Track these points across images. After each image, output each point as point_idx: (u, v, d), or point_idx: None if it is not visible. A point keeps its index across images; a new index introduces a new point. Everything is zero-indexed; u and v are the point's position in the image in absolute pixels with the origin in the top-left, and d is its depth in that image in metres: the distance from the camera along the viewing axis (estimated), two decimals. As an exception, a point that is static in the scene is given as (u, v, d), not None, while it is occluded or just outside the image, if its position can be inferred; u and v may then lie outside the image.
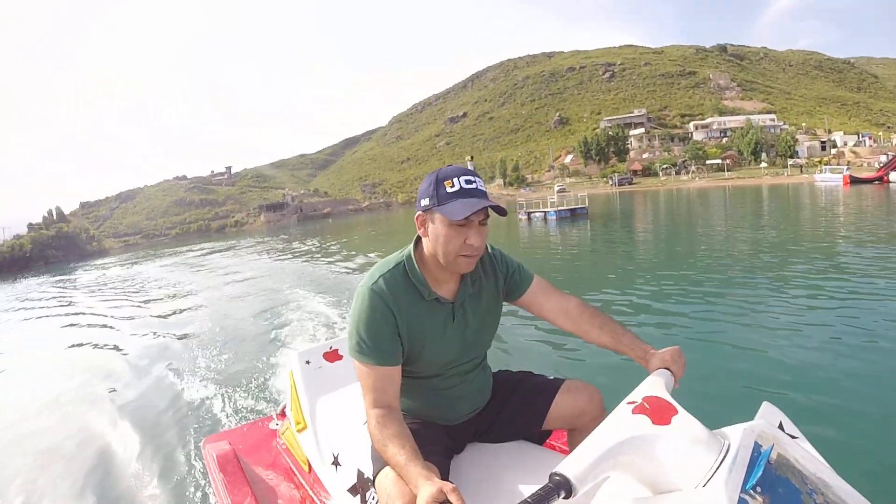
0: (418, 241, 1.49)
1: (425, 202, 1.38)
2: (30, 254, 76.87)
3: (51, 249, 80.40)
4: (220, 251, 37.23)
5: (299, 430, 2.28)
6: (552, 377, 1.69)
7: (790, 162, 68.37)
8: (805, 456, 1.01)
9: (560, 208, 28.57)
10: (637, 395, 1.11)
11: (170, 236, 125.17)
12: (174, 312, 11.09)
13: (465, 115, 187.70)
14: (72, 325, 11.83)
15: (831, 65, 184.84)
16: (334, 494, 1.94)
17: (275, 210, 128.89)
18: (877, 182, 38.20)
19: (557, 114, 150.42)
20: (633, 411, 1.05)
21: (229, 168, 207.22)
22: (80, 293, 19.91)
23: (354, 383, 1.97)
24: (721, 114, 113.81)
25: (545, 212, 28.49)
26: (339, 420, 2.01)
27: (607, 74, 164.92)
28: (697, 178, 72.28)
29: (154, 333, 8.78)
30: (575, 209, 28.86)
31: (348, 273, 13.62)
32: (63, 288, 24.28)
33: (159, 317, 10.82)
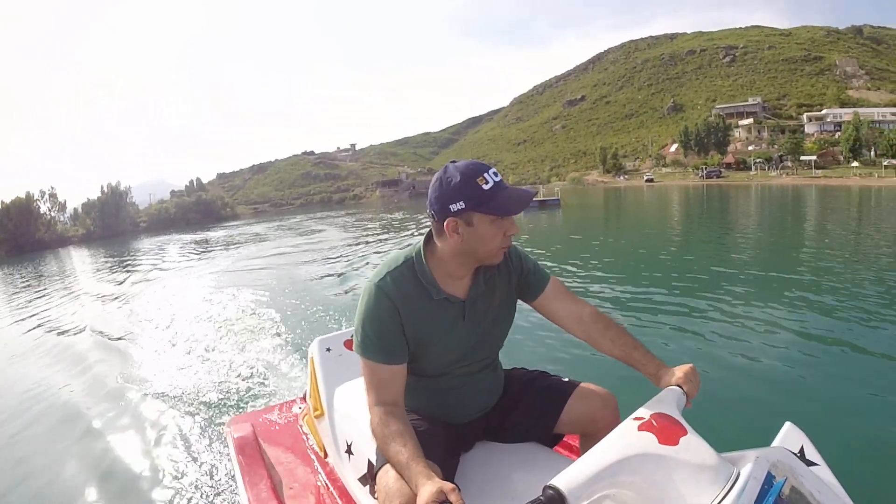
0: (429, 238, 1.44)
1: (459, 205, 1.28)
2: (173, 216, 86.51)
3: (191, 213, 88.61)
4: (315, 219, 44.75)
5: (317, 417, 2.32)
6: (567, 379, 1.65)
7: (885, 162, 61.49)
8: (822, 490, 0.94)
9: (526, 199, 34.77)
10: (645, 411, 1.05)
11: (294, 206, 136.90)
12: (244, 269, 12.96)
13: (583, 98, 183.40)
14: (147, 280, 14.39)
15: None
16: (346, 483, 1.97)
17: (389, 186, 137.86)
18: None
19: (672, 100, 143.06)
20: (640, 428, 0.99)
21: (353, 145, 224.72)
22: (172, 256, 24.45)
23: None
24: (843, 105, 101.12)
25: (516, 201, 34.60)
26: (354, 409, 1.95)
27: (728, 58, 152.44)
28: (785, 175, 68.40)
29: (209, 300, 9.43)
30: (545, 200, 34.52)
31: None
32: (169, 250, 29.49)
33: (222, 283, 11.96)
